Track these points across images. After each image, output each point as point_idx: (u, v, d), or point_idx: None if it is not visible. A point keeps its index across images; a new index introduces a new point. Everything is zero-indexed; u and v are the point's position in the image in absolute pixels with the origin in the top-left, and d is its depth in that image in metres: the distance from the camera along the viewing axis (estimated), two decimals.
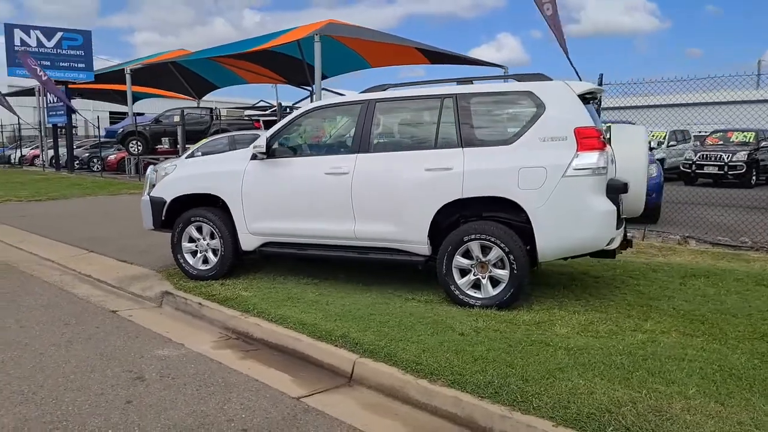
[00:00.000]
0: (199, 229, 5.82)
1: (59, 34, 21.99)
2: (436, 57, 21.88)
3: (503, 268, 4.73)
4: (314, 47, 15.71)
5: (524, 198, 4.61)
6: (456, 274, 4.88)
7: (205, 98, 28.43)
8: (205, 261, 5.86)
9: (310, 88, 25.85)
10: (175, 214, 5.91)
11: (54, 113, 23.91)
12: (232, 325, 4.74)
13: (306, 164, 5.43)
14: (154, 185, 6.10)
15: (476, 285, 4.88)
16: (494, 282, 4.81)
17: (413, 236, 4.99)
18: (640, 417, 2.94)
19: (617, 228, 4.85)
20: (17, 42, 21.24)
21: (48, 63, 21.54)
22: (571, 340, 4.02)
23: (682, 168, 16.21)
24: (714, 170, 15.63)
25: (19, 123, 26.39)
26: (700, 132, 19.75)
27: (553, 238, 4.61)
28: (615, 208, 4.60)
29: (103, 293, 5.90)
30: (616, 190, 4.65)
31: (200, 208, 5.81)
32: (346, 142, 5.41)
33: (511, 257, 4.66)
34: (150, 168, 6.20)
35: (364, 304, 4.89)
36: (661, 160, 14.66)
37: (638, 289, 5.48)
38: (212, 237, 5.77)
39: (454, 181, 4.78)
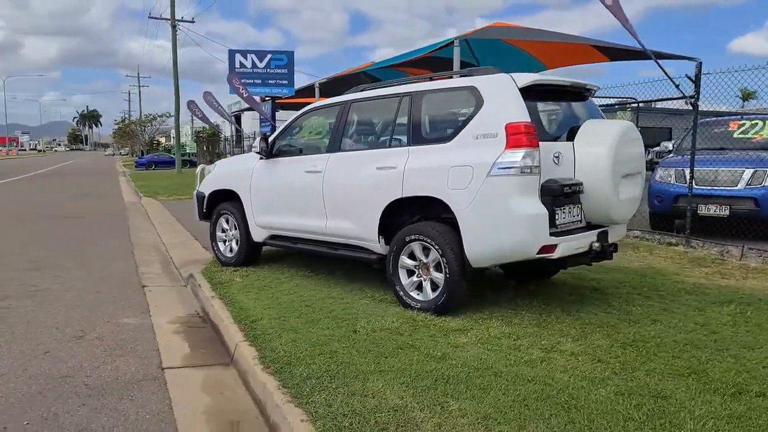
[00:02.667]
0: (227, 222, 6.57)
1: (269, 56, 25.54)
2: (615, 54, 19.91)
3: (440, 271, 4.53)
4: (453, 51, 15.76)
5: (453, 198, 4.38)
6: (402, 275, 4.80)
7: None
8: (231, 250, 6.59)
9: None
10: (214, 208, 6.77)
11: (264, 124, 27.74)
12: (204, 305, 5.34)
13: (294, 163, 5.78)
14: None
15: (421, 287, 4.75)
16: (435, 285, 4.63)
17: (367, 234, 5.05)
18: (380, 425, 2.74)
19: (575, 234, 4.31)
20: (237, 65, 25.26)
21: (259, 81, 25.12)
22: (451, 351, 3.75)
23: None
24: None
25: (239, 133, 31.09)
26: None
27: (479, 241, 4.28)
28: (546, 211, 4.10)
29: (160, 272, 6.99)
30: (550, 192, 4.14)
31: (227, 202, 6.56)
32: (325, 142, 5.64)
33: (444, 260, 4.46)
34: (200, 166, 7.15)
35: (317, 298, 5.09)
36: None
37: (625, 308, 4.75)
38: (236, 228, 6.48)
39: (397, 180, 4.73)
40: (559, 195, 4.14)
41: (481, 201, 4.22)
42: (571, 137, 4.52)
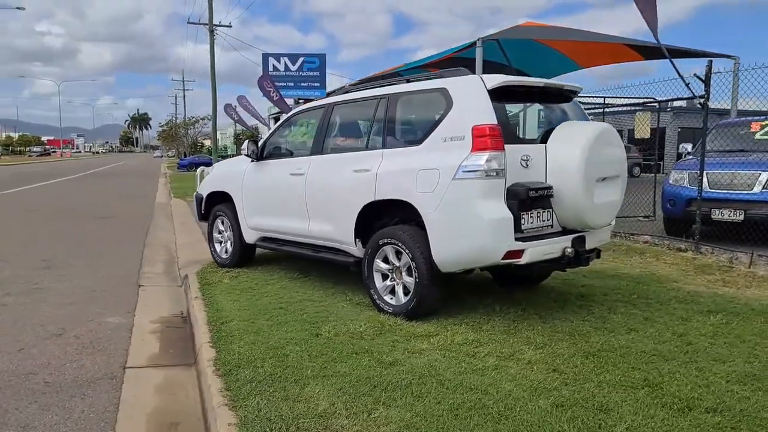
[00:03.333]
0: (223, 223, 6.68)
1: (301, 59, 25.87)
2: (650, 52, 19.23)
3: (412, 275, 4.49)
4: (477, 53, 15.58)
5: (420, 202, 4.33)
6: (377, 279, 4.78)
7: None
8: (226, 251, 6.69)
9: None
10: (211, 210, 6.89)
11: None
12: (189, 305, 5.44)
13: (281, 165, 5.81)
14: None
15: (395, 291, 4.71)
16: (407, 290, 4.58)
17: (345, 237, 5.04)
18: (301, 431, 2.73)
19: (545, 239, 4.20)
20: (270, 68, 25.69)
21: (291, 84, 25.47)
22: (405, 357, 3.71)
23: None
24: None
25: None
26: None
27: (445, 246, 4.21)
28: (511, 216, 4.00)
29: (161, 272, 7.15)
30: (515, 196, 4.03)
31: (222, 204, 6.66)
32: (309, 145, 5.65)
33: (414, 264, 4.41)
34: (200, 168, 7.29)
35: (296, 300, 5.12)
36: None
37: (605, 316, 4.60)
38: (231, 230, 6.57)
39: (371, 183, 4.71)
40: (524, 199, 4.03)
41: (447, 205, 4.15)
42: (546, 140, 4.40)
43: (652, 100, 9.98)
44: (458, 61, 23.86)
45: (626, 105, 11.99)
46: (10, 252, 8.15)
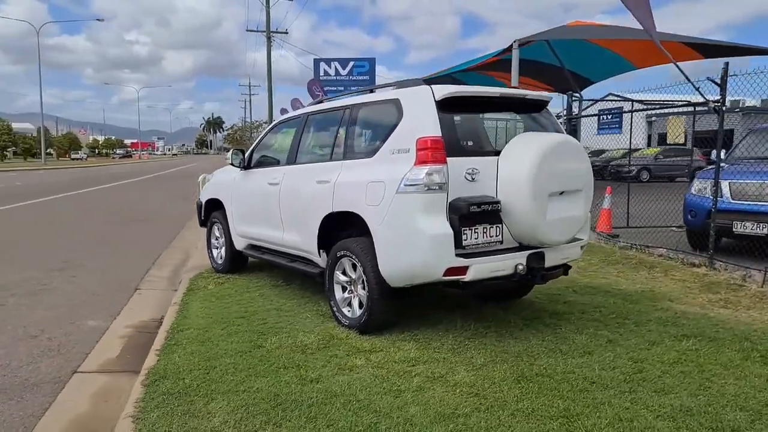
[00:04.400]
0: (218, 230, 6.83)
1: (351, 63, 26.15)
2: (710, 51, 18.00)
3: (365, 288, 4.42)
4: (513, 54, 15.18)
5: (368, 215, 4.26)
6: (337, 291, 4.75)
7: None
8: (221, 257, 6.83)
9: (577, 95, 24.53)
10: (209, 216, 7.06)
11: None
12: (168, 310, 5.59)
13: (262, 175, 5.87)
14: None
15: (351, 303, 4.67)
16: (362, 303, 4.52)
17: (310, 247, 5.04)
18: None
19: (494, 256, 4.03)
20: (321, 72, 26.11)
21: (341, 88, 25.76)
22: (331, 374, 3.66)
23: None
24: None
25: None
26: None
27: (390, 260, 4.13)
28: (451, 231, 3.85)
29: (166, 276, 7.37)
30: (456, 211, 3.88)
31: (217, 211, 6.81)
32: (285, 155, 5.68)
33: (365, 278, 4.35)
34: (202, 175, 7.48)
35: (264, 309, 5.17)
36: None
37: (569, 336, 4.37)
38: (225, 236, 6.71)
39: (329, 194, 4.68)
40: (465, 214, 3.87)
41: (390, 218, 4.06)
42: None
43: (682, 101, 9.37)
44: (508, 63, 23.18)
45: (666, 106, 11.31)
46: (37, 251, 8.67)
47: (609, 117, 24.24)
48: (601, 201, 9.38)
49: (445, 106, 4.07)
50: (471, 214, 3.88)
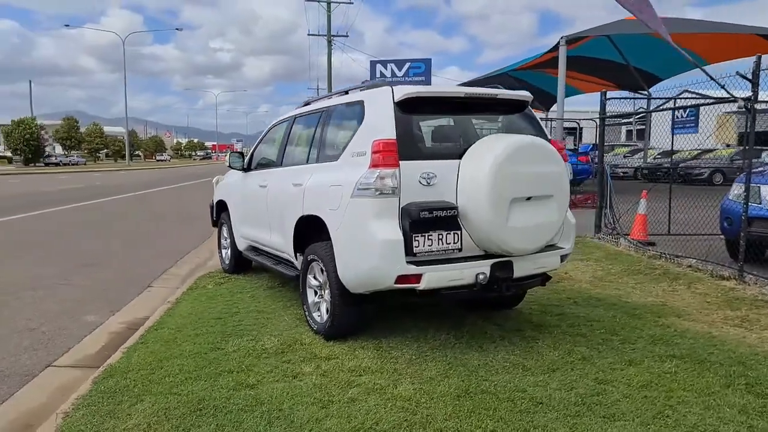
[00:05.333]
0: (226, 230, 6.94)
1: (408, 64, 26.07)
2: None
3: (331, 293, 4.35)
4: (560, 52, 14.62)
5: (329, 219, 4.18)
6: (310, 295, 4.70)
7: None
8: (228, 257, 6.95)
9: (645, 93, 23.28)
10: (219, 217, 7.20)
11: None
12: (158, 309, 5.73)
13: (256, 177, 5.91)
14: None
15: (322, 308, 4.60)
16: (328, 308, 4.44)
17: (288, 249, 5.03)
18: None
19: (452, 264, 3.84)
20: (378, 74, 26.23)
21: None
22: (272, 380, 3.61)
23: None
24: None
25: None
26: None
27: (346, 266, 4.02)
28: (400, 237, 3.70)
29: (183, 274, 7.55)
30: (407, 216, 3.72)
31: (224, 212, 6.93)
32: (275, 157, 5.67)
33: (329, 283, 4.27)
34: (216, 177, 7.62)
35: (245, 311, 5.20)
36: None
37: (542, 352, 4.10)
38: (230, 237, 6.82)
39: (300, 197, 4.64)
40: (416, 220, 3.70)
41: (346, 223, 3.96)
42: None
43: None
44: (590, 61, 22.10)
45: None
46: (73, 249, 9.16)
47: (684, 115, 22.80)
48: (636, 206, 8.81)
49: (405, 107, 3.92)
50: (422, 220, 3.71)
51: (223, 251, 7.10)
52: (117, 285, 6.77)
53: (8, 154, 61.97)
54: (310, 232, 4.73)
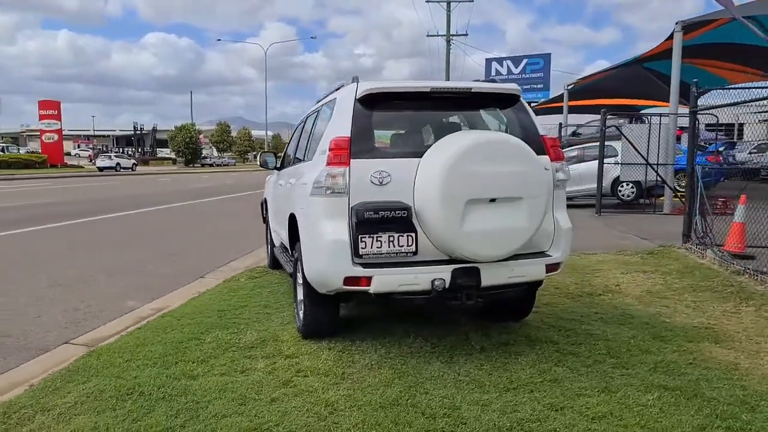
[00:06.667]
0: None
1: (524, 61, 25.24)
2: None
3: None
4: (674, 39, 13.16)
5: (299, 217, 4.20)
6: (299, 292, 4.71)
7: None
8: (269, 254, 7.19)
9: None
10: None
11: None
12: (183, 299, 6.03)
13: (281, 176, 6.03)
14: None
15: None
16: None
17: (288, 246, 5.09)
18: None
19: (406, 267, 3.64)
20: (493, 72, 25.69)
21: None
22: (216, 375, 3.69)
23: None
24: None
25: None
26: None
27: (307, 265, 3.99)
28: (346, 238, 3.58)
29: (243, 267, 7.85)
30: (355, 217, 3.57)
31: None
32: (292, 156, 5.75)
33: (302, 281, 4.27)
34: (268, 177, 7.87)
35: (252, 305, 5.37)
36: None
37: (520, 369, 3.77)
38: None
39: (290, 195, 4.72)
40: (362, 220, 3.54)
41: (306, 222, 3.95)
42: None
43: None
44: (706, 47, 19.99)
45: None
46: (165, 241, 10.03)
47: None
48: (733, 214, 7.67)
49: (368, 104, 3.79)
50: (369, 220, 3.54)
51: (268, 247, 7.36)
52: (173, 274, 7.26)
53: (173, 155, 69.69)
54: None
